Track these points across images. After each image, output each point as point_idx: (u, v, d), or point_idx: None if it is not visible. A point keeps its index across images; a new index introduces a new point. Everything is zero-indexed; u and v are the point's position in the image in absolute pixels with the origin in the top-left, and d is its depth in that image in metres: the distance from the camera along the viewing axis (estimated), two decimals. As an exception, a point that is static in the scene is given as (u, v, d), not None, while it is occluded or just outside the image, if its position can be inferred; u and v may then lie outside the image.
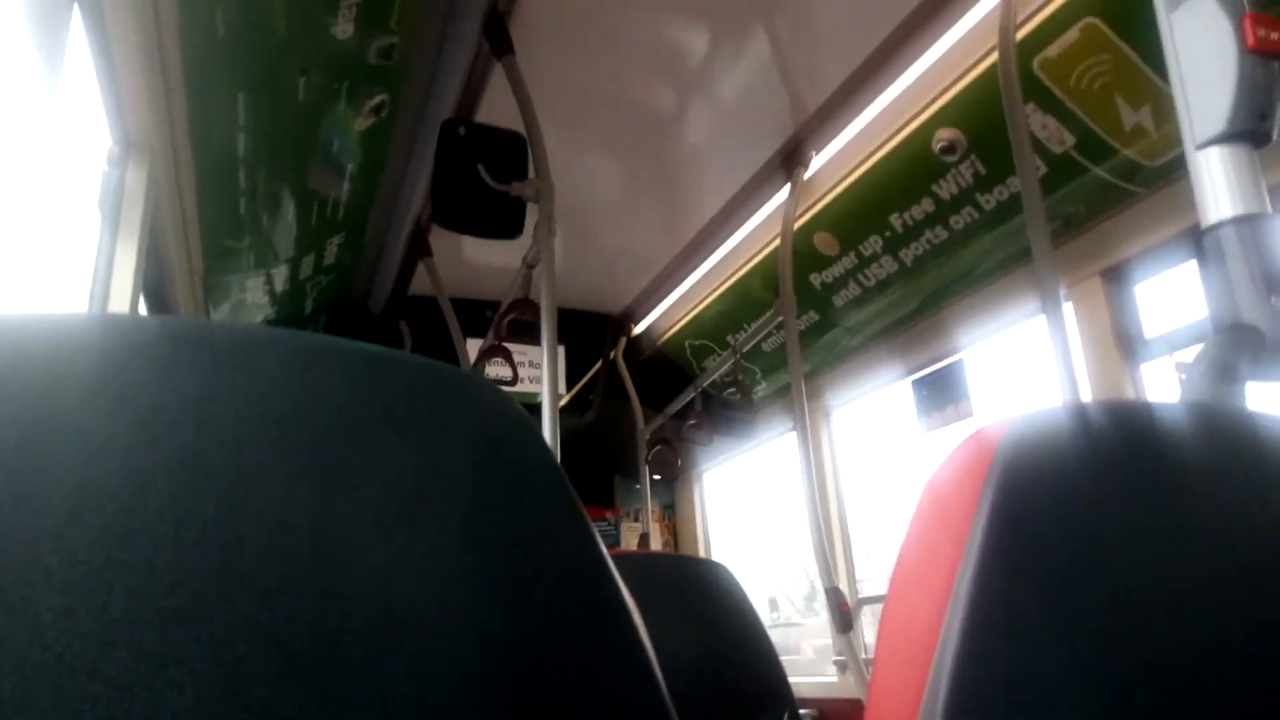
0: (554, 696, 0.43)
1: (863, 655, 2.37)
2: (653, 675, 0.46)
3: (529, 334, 1.87)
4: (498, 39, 1.71)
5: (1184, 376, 0.65)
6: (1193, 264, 1.77)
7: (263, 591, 0.39)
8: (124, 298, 1.55)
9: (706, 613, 1.93)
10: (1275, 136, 0.69)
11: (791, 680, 1.98)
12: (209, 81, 1.62)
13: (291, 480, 0.41)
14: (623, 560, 2.26)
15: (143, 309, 1.84)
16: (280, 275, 2.39)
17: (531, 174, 1.71)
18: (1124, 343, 1.86)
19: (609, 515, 3.82)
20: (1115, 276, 1.89)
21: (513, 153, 1.71)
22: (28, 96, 1.28)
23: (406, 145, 2.07)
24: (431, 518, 0.44)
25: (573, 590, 0.46)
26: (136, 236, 1.57)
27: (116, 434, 0.40)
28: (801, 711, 2.02)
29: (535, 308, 1.84)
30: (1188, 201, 0.72)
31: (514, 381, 2.46)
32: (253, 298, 2.44)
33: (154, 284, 1.88)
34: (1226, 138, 0.68)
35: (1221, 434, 0.57)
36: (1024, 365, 2.31)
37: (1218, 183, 0.68)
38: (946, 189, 1.98)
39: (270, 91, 1.71)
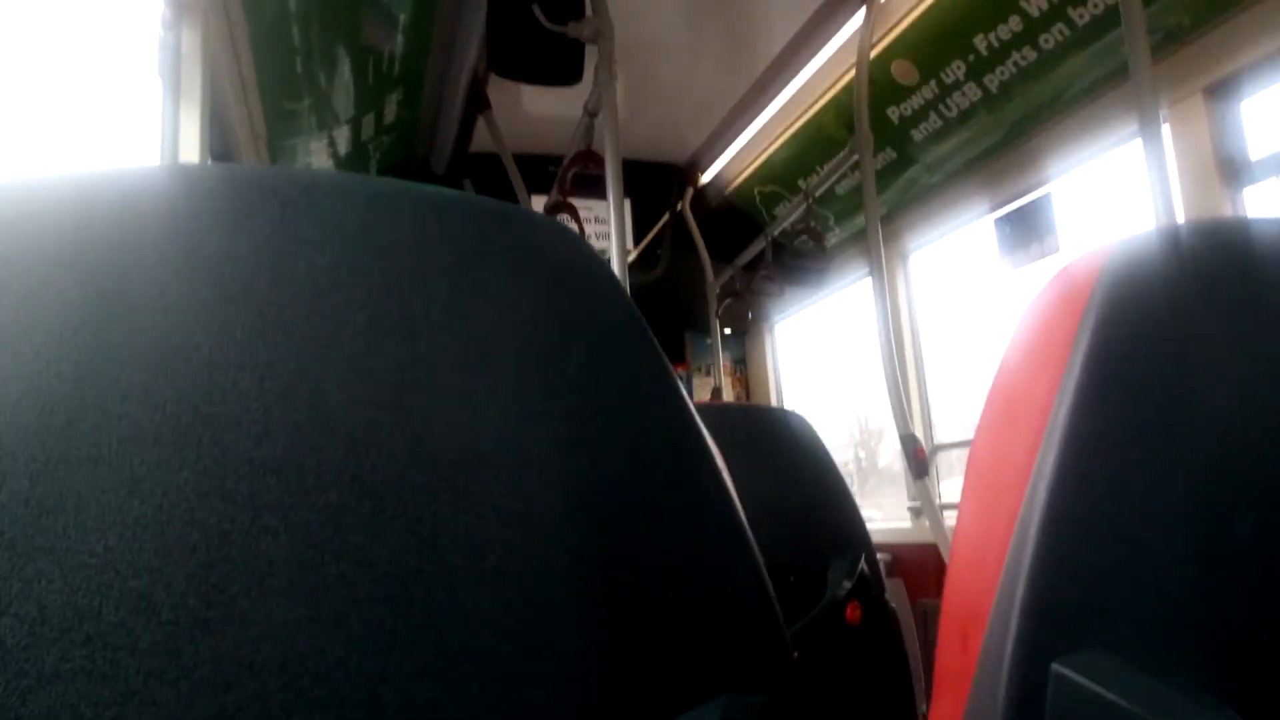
0: (638, 546, 0.43)
1: (937, 501, 2.37)
2: (739, 526, 0.46)
3: (594, 188, 1.83)
4: None
5: None
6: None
7: (350, 439, 0.39)
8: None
9: (782, 459, 1.95)
10: None
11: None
12: (255, -66, 1.57)
13: (369, 328, 0.41)
14: (703, 410, 2.29)
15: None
16: (342, 137, 2.37)
17: (589, 12, 1.63)
18: (1226, 166, 1.74)
19: (680, 370, 3.85)
20: (1220, 93, 1.75)
21: (569, -11, 1.63)
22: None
23: (458, -10, 2.00)
24: (509, 363, 0.43)
25: (656, 434, 0.46)
26: (198, 101, 1.56)
27: (194, 287, 0.40)
28: (877, 556, 2.05)
29: (599, 160, 1.80)
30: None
31: (580, 236, 2.44)
32: (318, 161, 2.44)
33: (220, 152, 1.89)
34: None
35: None
36: (1114, 197, 2.19)
37: None
38: (1036, 4, 1.84)
39: (317, -60, 1.64)
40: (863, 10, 2.13)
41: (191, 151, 1.56)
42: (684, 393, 0.48)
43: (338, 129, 2.34)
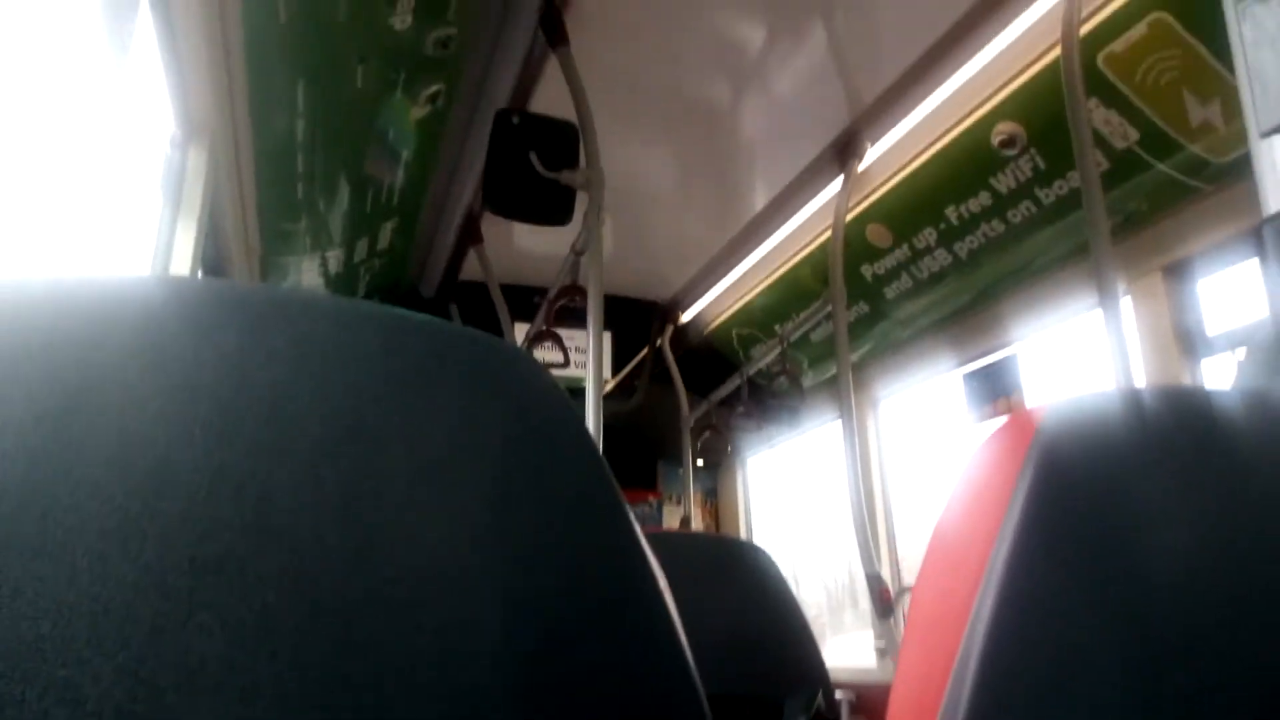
0: (575, 666, 0.43)
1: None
2: (680, 652, 0.47)
3: (578, 319, 1.88)
4: (553, 30, 1.72)
5: (1239, 364, 0.63)
6: (1256, 262, 1.72)
7: (293, 544, 0.40)
8: (183, 275, 1.59)
9: (744, 593, 1.94)
10: None
11: (830, 665, 1.98)
12: (270, 68, 1.65)
13: (325, 439, 0.42)
14: (662, 538, 2.27)
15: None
16: (335, 258, 2.43)
17: (583, 163, 1.72)
18: (1184, 339, 1.82)
19: (651, 498, 3.84)
20: (1177, 273, 1.84)
21: (565, 142, 1.72)
22: (96, 80, 1.32)
23: (460, 134, 2.09)
24: (461, 482, 0.44)
25: (601, 563, 0.46)
26: (196, 217, 1.61)
27: (157, 390, 0.41)
28: (839, 694, 2.03)
29: (584, 293, 1.85)
30: (1256, 199, 0.70)
31: (565, 364, 2.48)
32: (308, 279, 2.48)
33: (212, 264, 1.93)
34: None
35: (1266, 420, 0.56)
36: (1078, 361, 2.27)
37: None
38: (1004, 183, 1.95)
39: (329, 79, 1.73)
40: (841, 178, 2.25)
41: (184, 262, 1.60)
42: (633, 521, 0.48)
43: (331, 250, 2.39)
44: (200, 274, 1.77)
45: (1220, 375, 1.81)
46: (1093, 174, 1.52)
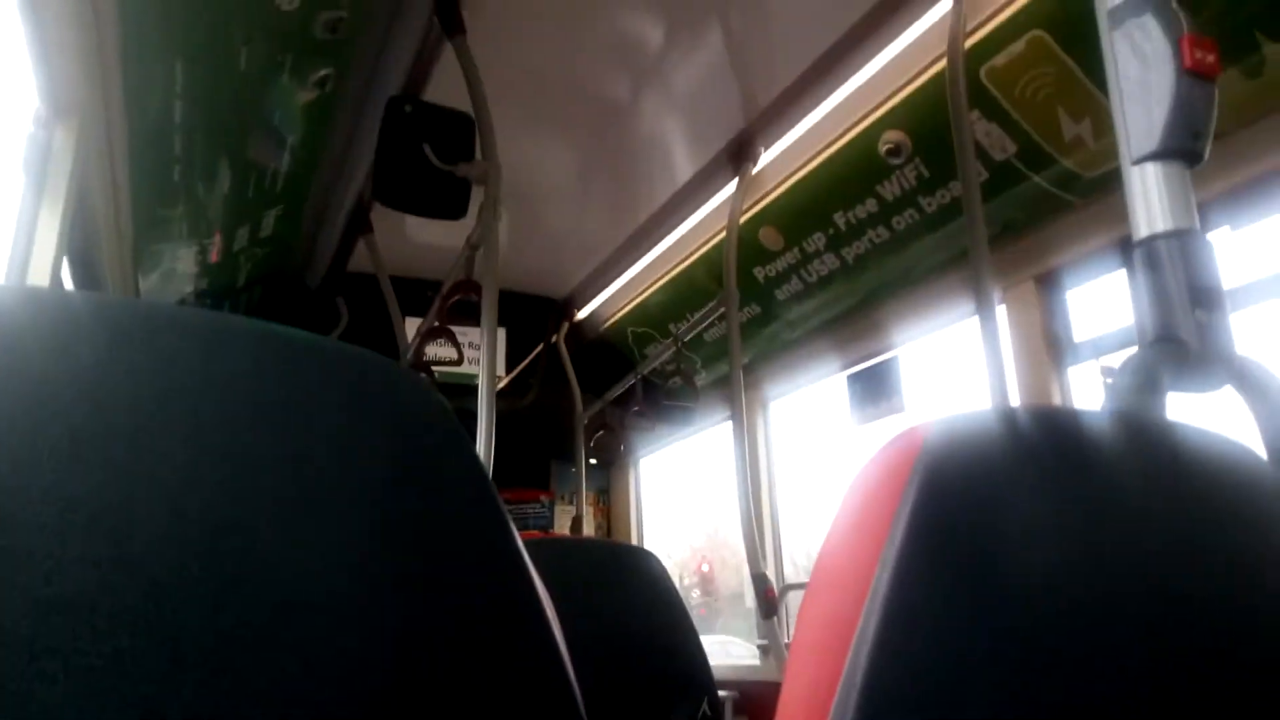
0: (459, 688, 0.42)
1: (784, 640, 2.41)
2: (561, 666, 0.46)
3: (472, 315, 1.85)
4: (450, 18, 1.69)
5: (1110, 384, 0.67)
6: (1122, 273, 1.83)
7: (152, 581, 0.37)
8: (46, 264, 1.49)
9: (632, 599, 1.95)
10: (1207, 156, 0.71)
11: (712, 663, 2.01)
12: (146, 44, 1.57)
13: (191, 464, 0.40)
14: (552, 544, 2.26)
15: (66, 277, 1.78)
16: (214, 246, 2.32)
17: (479, 155, 1.69)
18: (1053, 346, 1.91)
19: (543, 498, 3.82)
20: (1048, 282, 1.94)
21: (460, 133, 1.69)
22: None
23: (351, 120, 2.03)
24: (339, 509, 0.42)
25: (484, 586, 0.45)
26: (62, 201, 1.51)
27: (2, 411, 0.37)
28: (722, 693, 2.06)
29: (478, 289, 1.82)
30: (1121, 214, 0.74)
31: (459, 361, 2.44)
32: (184, 268, 2.37)
33: (80, 251, 1.82)
34: (1161, 155, 0.70)
35: (1142, 442, 0.59)
36: (957, 365, 2.37)
37: (1151, 198, 0.70)
38: (890, 190, 2.01)
39: (210, 60, 1.65)
40: (736, 180, 2.29)
41: (48, 250, 1.50)
42: (517, 541, 0.47)
43: (210, 238, 2.29)
44: (65, 262, 1.66)
45: (1085, 381, 1.91)
46: (974, 184, 1.59)
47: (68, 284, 1.82)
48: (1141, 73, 0.73)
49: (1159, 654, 0.50)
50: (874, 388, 2.48)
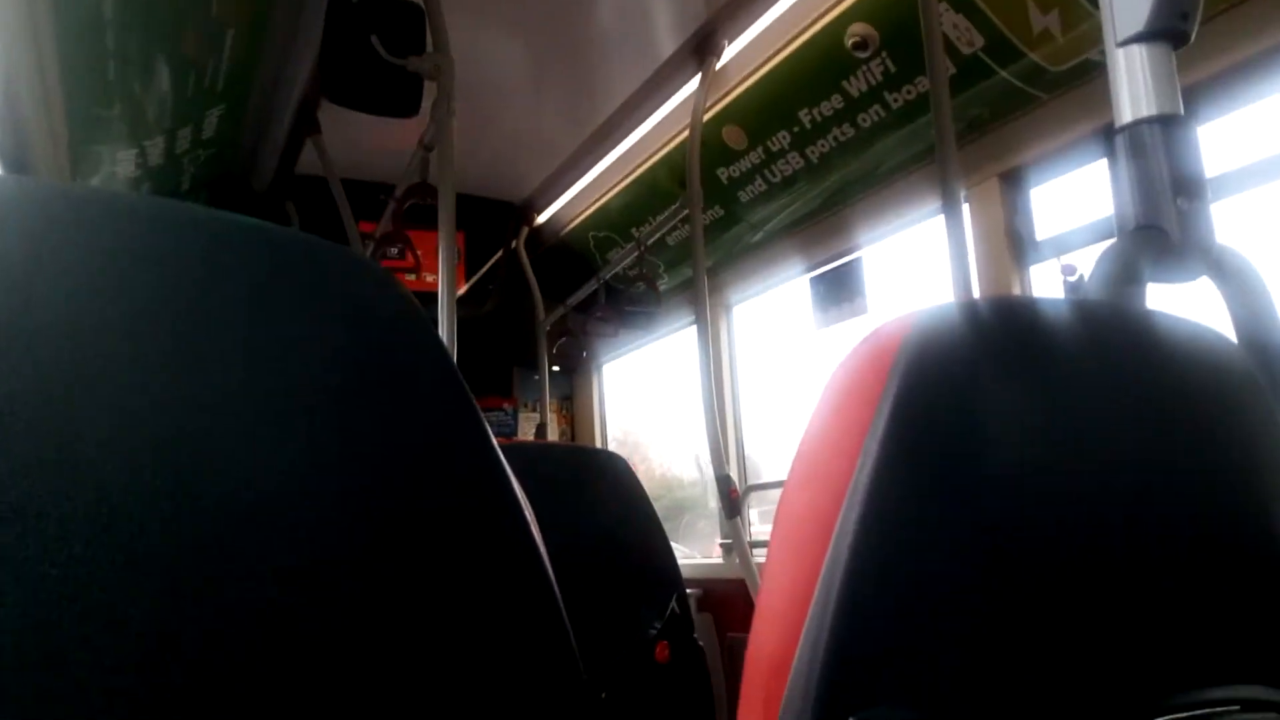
0: (436, 591, 0.41)
1: (747, 539, 2.47)
2: (543, 571, 0.46)
3: (428, 220, 1.80)
4: None
5: (1087, 275, 0.66)
6: (1082, 172, 1.82)
7: (102, 484, 0.35)
8: None
9: (600, 501, 1.97)
10: (1193, 38, 0.69)
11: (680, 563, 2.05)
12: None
13: (135, 361, 0.37)
14: (518, 449, 2.27)
15: (-1, 180, 1.70)
16: (155, 148, 2.22)
17: (430, 48, 1.62)
18: (1016, 244, 1.91)
19: (506, 406, 3.82)
20: (1012, 180, 1.93)
21: (410, 24, 1.61)
22: None
23: (293, 11, 1.92)
24: (300, 408, 0.40)
25: (458, 479, 0.44)
26: (-13, 100, 1.43)
27: None
28: (688, 591, 2.11)
29: (433, 192, 1.77)
30: (1085, 109, 0.72)
31: (417, 269, 2.39)
32: (124, 171, 2.27)
33: (11, 151, 1.73)
34: (1147, 36, 0.68)
35: (1118, 329, 0.58)
36: (918, 265, 2.37)
37: (1135, 81, 0.68)
38: (856, 86, 1.97)
39: (139, -58, 1.55)
40: (698, 76, 2.22)
41: (-24, 149, 1.42)
42: (489, 434, 0.46)
43: (150, 139, 2.19)
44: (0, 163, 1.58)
45: (1046, 279, 1.92)
46: (942, 79, 1.55)
47: (-1, 188, 1.74)
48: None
49: (1136, 540, 0.51)
50: (837, 289, 2.47)
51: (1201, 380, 0.58)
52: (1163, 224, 0.65)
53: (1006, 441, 0.50)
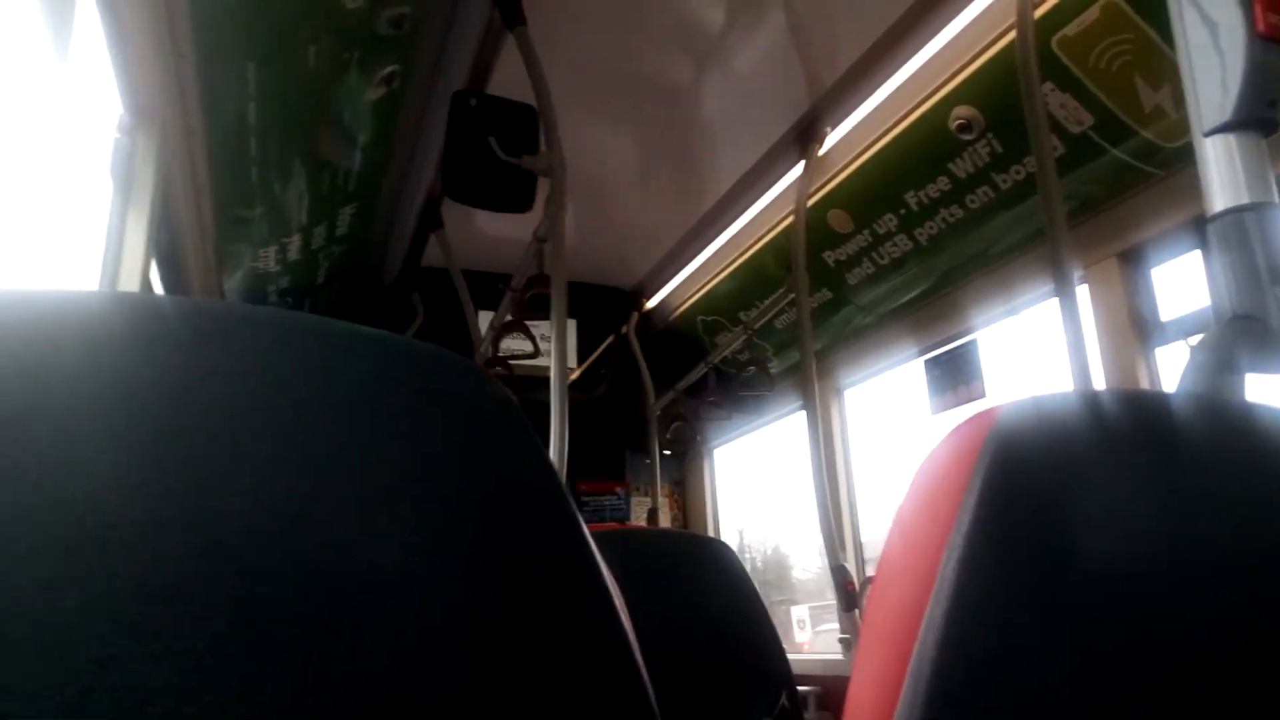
0: (531, 679, 0.43)
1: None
2: (630, 657, 0.47)
3: (544, 308, 1.87)
4: (510, 10, 1.70)
5: (1184, 367, 0.64)
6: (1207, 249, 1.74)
7: (240, 567, 0.39)
8: (136, 266, 1.56)
9: (706, 591, 1.94)
10: None
11: (794, 658, 1.98)
12: (219, 49, 1.62)
13: (271, 459, 0.42)
14: (625, 536, 2.27)
15: (155, 279, 1.85)
16: (293, 245, 2.39)
17: (543, 147, 1.70)
18: (1139, 326, 1.84)
19: (618, 489, 3.83)
20: (1132, 259, 1.86)
21: (524, 125, 1.70)
22: (38, 66, 1.28)
23: (418, 116, 2.07)
24: (409, 497, 0.44)
25: (553, 579, 0.46)
26: (148, 204, 1.58)
27: (95, 412, 0.40)
28: (804, 689, 2.04)
29: (549, 281, 1.84)
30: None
31: (535, 354, 2.46)
32: (265, 266, 2.45)
33: (167, 253, 1.89)
34: (1234, 125, 0.67)
35: (1220, 425, 0.56)
36: (1039, 347, 2.29)
37: (1224, 171, 0.67)
38: (963, 167, 1.95)
39: (281, 60, 1.70)
40: (802, 163, 2.25)
41: (137, 251, 1.56)
42: (584, 530, 0.48)
43: (289, 237, 2.36)
44: (155, 264, 1.73)
45: (1174, 362, 1.83)
46: (1048, 158, 1.53)
47: (157, 286, 1.90)
48: (1211, 39, 0.70)
49: (1239, 648, 0.48)
50: (952, 373, 2.41)
51: None
52: (1260, 313, 0.62)
53: (1099, 539, 0.48)
